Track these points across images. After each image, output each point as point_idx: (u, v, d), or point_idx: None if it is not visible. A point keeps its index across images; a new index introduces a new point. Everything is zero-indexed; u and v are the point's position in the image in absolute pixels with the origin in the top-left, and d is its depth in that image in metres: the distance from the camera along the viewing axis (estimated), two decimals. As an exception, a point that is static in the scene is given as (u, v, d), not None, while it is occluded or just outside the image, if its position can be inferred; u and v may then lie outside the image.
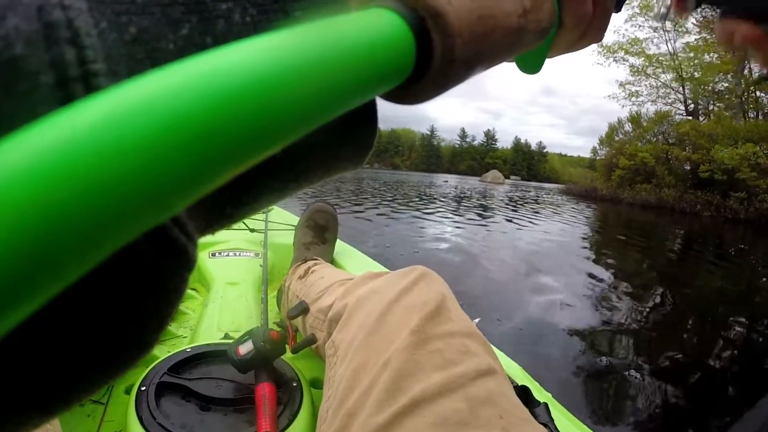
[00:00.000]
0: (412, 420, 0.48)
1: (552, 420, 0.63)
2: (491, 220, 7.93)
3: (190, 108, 0.08)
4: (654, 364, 2.69)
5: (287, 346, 0.81)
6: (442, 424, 0.47)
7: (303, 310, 0.83)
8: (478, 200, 11.90)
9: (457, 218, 7.55)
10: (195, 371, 0.82)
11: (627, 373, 2.50)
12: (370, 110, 0.20)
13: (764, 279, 5.24)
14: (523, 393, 0.69)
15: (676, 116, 22.37)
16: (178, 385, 0.77)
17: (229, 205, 0.17)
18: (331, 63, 0.11)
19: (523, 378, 0.87)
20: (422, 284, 0.63)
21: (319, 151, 0.19)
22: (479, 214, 8.42)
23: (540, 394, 0.80)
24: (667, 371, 2.63)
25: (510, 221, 7.97)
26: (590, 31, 0.26)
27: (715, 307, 3.99)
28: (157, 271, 0.13)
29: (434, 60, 0.15)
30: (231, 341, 0.82)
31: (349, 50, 0.12)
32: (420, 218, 6.91)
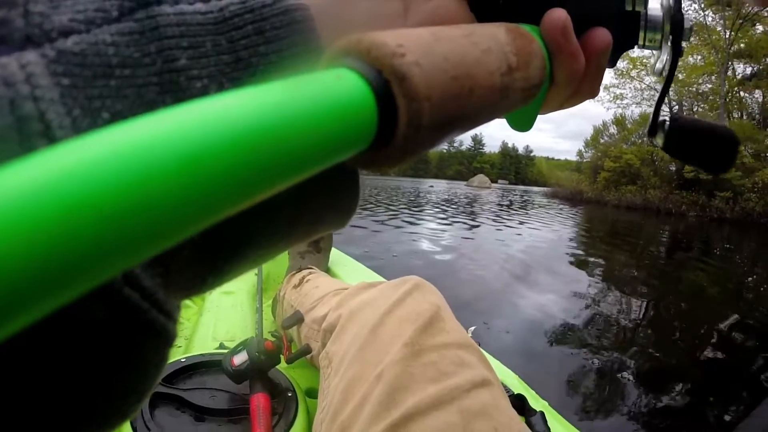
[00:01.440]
0: None
1: (548, 429, 0.63)
2: (475, 226, 7.92)
3: (114, 183, 0.08)
4: (645, 365, 2.69)
5: (282, 356, 0.80)
6: None
7: (298, 320, 0.83)
8: (460, 206, 11.87)
9: (441, 223, 7.56)
10: (189, 381, 0.81)
11: (619, 375, 2.50)
12: (352, 175, 0.19)
13: (750, 279, 5.24)
14: (519, 402, 0.68)
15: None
16: (172, 396, 0.76)
17: (210, 274, 0.16)
18: (282, 129, 0.10)
19: (519, 386, 0.87)
20: (416, 295, 0.63)
21: (302, 217, 0.18)
22: (464, 222, 8.40)
23: (536, 402, 0.80)
24: (658, 373, 2.63)
25: (483, 225, 7.96)
26: (584, 87, 0.25)
27: (703, 308, 3.99)
28: (136, 351, 0.13)
29: (399, 126, 0.14)
30: (226, 351, 0.82)
31: (303, 115, 0.11)
32: (403, 226, 6.89)
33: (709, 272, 5.33)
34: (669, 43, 0.25)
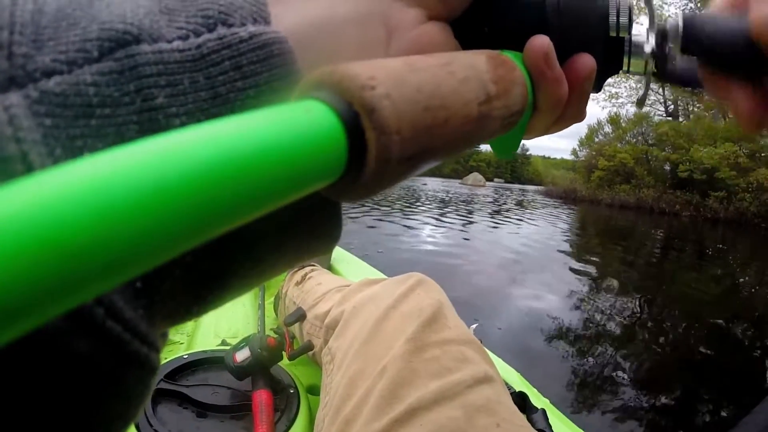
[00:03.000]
0: (409, 428, 0.47)
1: (549, 426, 0.63)
2: (467, 223, 7.91)
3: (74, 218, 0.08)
4: (640, 363, 2.70)
5: (284, 353, 0.80)
6: None
7: (300, 316, 0.82)
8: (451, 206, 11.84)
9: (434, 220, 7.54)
10: (192, 378, 0.80)
11: (614, 374, 2.50)
12: (334, 204, 0.19)
13: (743, 279, 5.24)
14: (521, 399, 0.68)
15: (656, 117, 22.22)
16: (174, 392, 0.76)
17: (194, 304, 0.16)
18: (247, 162, 0.10)
19: (520, 384, 0.87)
20: (419, 291, 0.63)
21: (285, 247, 0.18)
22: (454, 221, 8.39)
23: (538, 399, 0.80)
24: (653, 371, 2.64)
25: (472, 224, 7.95)
26: (568, 112, 0.24)
27: (697, 308, 4.00)
28: (120, 381, 0.13)
29: (368, 160, 0.14)
30: (228, 348, 0.81)
31: (269, 148, 0.11)
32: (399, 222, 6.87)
33: (702, 274, 5.33)
34: (654, 68, 0.25)
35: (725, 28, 0.22)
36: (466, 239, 6.17)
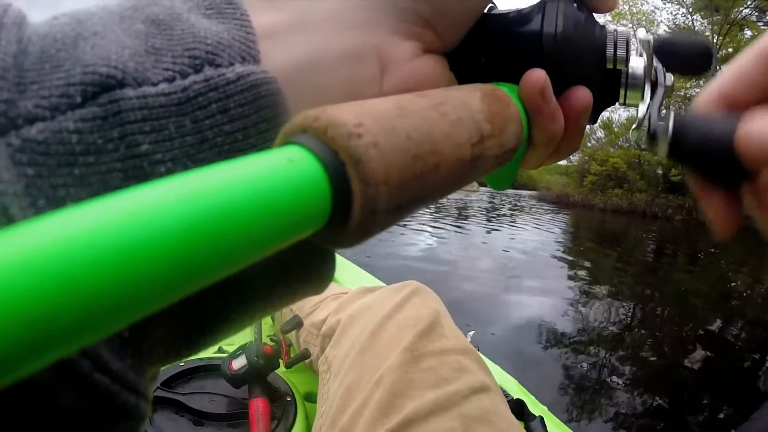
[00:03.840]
0: None
1: (547, 435, 0.62)
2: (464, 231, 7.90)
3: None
4: (635, 368, 2.70)
5: (281, 361, 0.80)
6: None
7: (296, 324, 0.82)
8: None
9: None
10: (188, 386, 0.80)
11: (609, 379, 2.50)
12: (325, 250, 0.18)
13: (734, 284, 5.23)
14: (519, 406, 0.68)
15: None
16: (171, 400, 0.75)
17: (185, 348, 0.16)
18: (227, 213, 0.10)
19: (518, 391, 0.86)
20: (415, 300, 0.62)
21: (276, 292, 0.18)
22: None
23: (535, 407, 0.79)
24: (647, 375, 2.64)
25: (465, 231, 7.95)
26: (563, 146, 0.23)
27: (690, 312, 4.00)
28: (110, 430, 0.13)
29: (353, 211, 0.13)
30: (225, 355, 0.81)
31: (250, 199, 0.10)
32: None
33: (694, 277, 5.33)
34: (650, 101, 0.24)
35: (711, 134, 0.21)
36: (460, 243, 6.16)
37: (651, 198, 16.96)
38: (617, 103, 0.25)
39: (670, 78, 0.24)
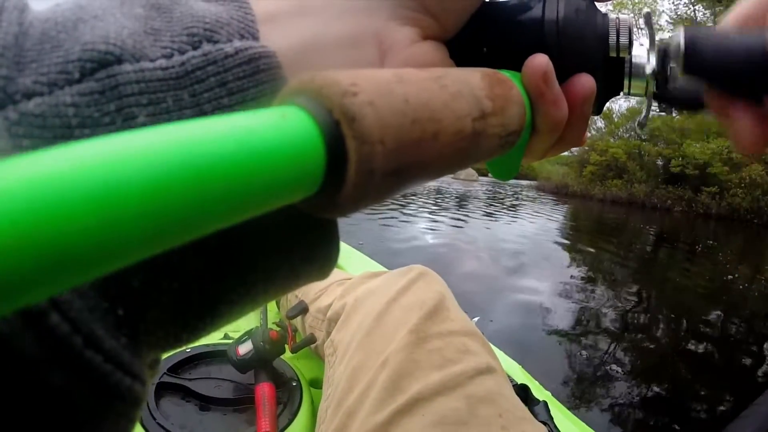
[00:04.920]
0: (411, 419, 0.47)
1: (551, 418, 0.62)
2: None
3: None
4: (635, 357, 2.71)
5: (286, 346, 0.79)
6: (440, 423, 0.46)
7: (302, 309, 0.81)
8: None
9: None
10: (194, 371, 0.80)
11: (608, 368, 2.50)
12: (329, 227, 0.18)
13: (731, 277, 5.20)
14: (523, 391, 0.67)
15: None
16: (177, 385, 0.75)
17: (184, 332, 0.15)
18: (211, 167, 0.09)
19: (522, 376, 0.86)
20: (421, 283, 0.62)
21: (278, 273, 0.17)
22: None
23: (539, 392, 0.79)
24: (649, 364, 2.65)
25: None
26: (567, 135, 0.23)
27: (690, 303, 3.99)
28: (102, 415, 0.12)
29: (348, 170, 0.12)
30: (230, 341, 0.81)
31: (236, 154, 0.10)
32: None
33: (694, 270, 5.31)
34: (655, 90, 0.24)
35: (738, 46, 0.21)
36: (459, 228, 6.15)
37: (650, 189, 16.78)
38: (621, 93, 0.25)
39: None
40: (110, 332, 0.12)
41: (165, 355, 0.85)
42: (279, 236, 0.16)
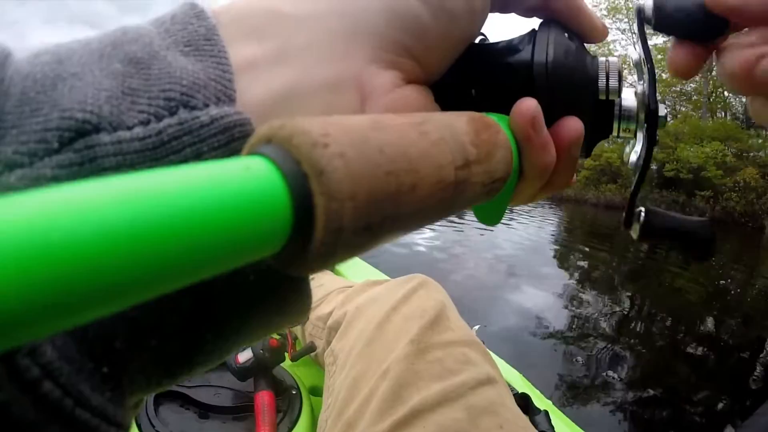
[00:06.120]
0: (412, 430, 0.46)
1: (552, 428, 0.61)
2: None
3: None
4: (632, 363, 2.69)
5: (286, 354, 0.79)
6: None
7: (302, 317, 0.81)
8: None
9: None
10: (194, 379, 0.79)
11: (605, 373, 2.49)
12: (302, 281, 0.18)
13: (724, 282, 5.20)
14: (524, 401, 0.67)
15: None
16: (176, 393, 0.74)
17: (165, 378, 0.16)
18: (169, 221, 0.08)
19: (523, 385, 0.85)
20: (421, 292, 0.61)
21: (250, 325, 0.17)
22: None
23: (540, 401, 0.78)
24: (648, 369, 2.64)
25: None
26: (555, 179, 0.22)
27: (684, 308, 3.99)
28: None
29: (315, 229, 0.11)
30: (230, 349, 0.80)
31: (195, 206, 0.09)
32: None
33: (688, 275, 5.31)
34: (644, 132, 0.23)
35: (685, 3, 0.22)
36: (459, 232, 6.14)
37: (645, 193, 16.77)
38: (610, 136, 0.24)
39: (664, 109, 0.23)
40: (97, 389, 0.13)
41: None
42: (250, 291, 0.16)
